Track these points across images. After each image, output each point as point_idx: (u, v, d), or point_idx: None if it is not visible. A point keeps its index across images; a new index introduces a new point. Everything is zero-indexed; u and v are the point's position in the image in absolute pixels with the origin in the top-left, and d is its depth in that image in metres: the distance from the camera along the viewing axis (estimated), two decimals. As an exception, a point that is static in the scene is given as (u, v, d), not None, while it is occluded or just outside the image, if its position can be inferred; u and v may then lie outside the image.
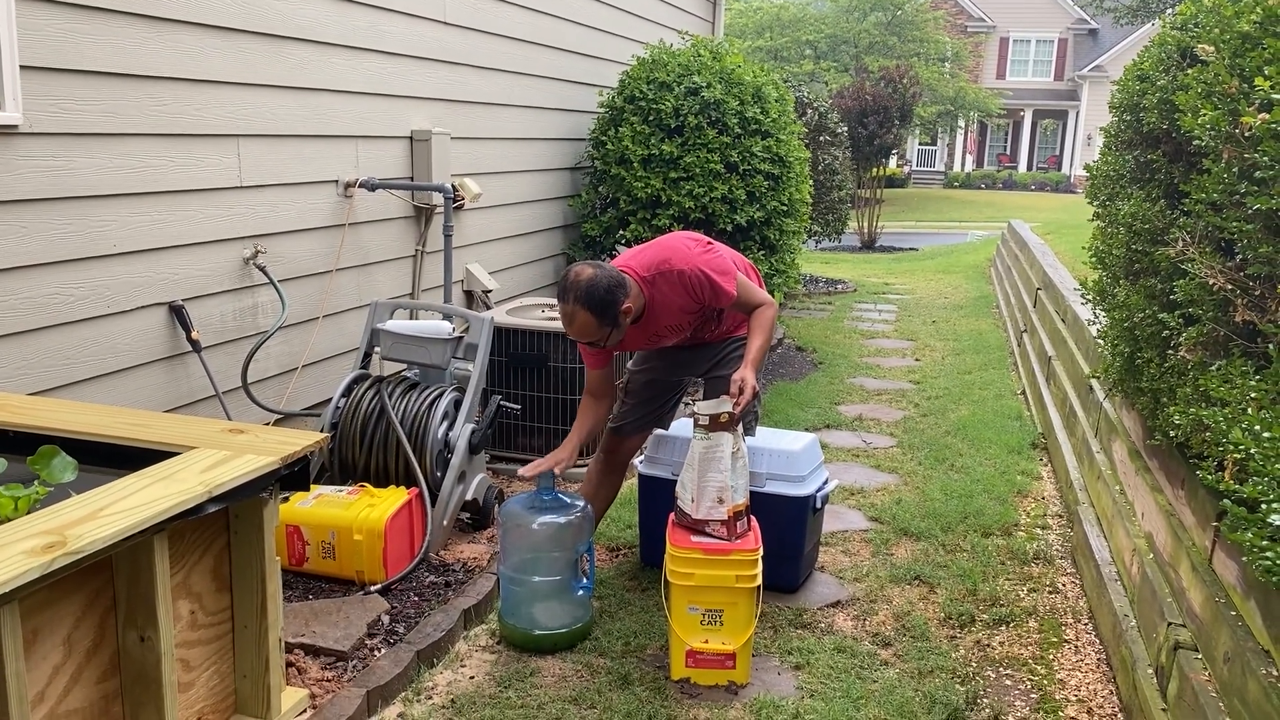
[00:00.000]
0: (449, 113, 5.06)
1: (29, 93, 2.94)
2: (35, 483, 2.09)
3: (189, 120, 3.52)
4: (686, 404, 5.48)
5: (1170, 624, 2.72)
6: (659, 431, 3.76)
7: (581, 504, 3.23)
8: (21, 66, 2.90)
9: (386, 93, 4.58)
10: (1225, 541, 2.54)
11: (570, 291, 3.10)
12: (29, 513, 1.96)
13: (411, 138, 4.79)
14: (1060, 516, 4.41)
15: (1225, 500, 2.23)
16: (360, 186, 4.40)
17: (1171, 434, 2.89)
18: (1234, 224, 2.47)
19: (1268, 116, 2.23)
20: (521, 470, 3.31)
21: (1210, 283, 2.58)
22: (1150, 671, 2.78)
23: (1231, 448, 2.20)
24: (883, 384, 6.81)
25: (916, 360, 7.61)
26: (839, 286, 11.38)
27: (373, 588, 3.34)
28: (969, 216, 23.26)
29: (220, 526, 2.35)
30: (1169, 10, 17.95)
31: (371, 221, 4.57)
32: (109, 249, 3.27)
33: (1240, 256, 2.54)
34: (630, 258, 3.29)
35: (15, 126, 2.91)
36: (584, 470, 3.79)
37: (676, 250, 3.26)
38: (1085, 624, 3.45)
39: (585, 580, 3.18)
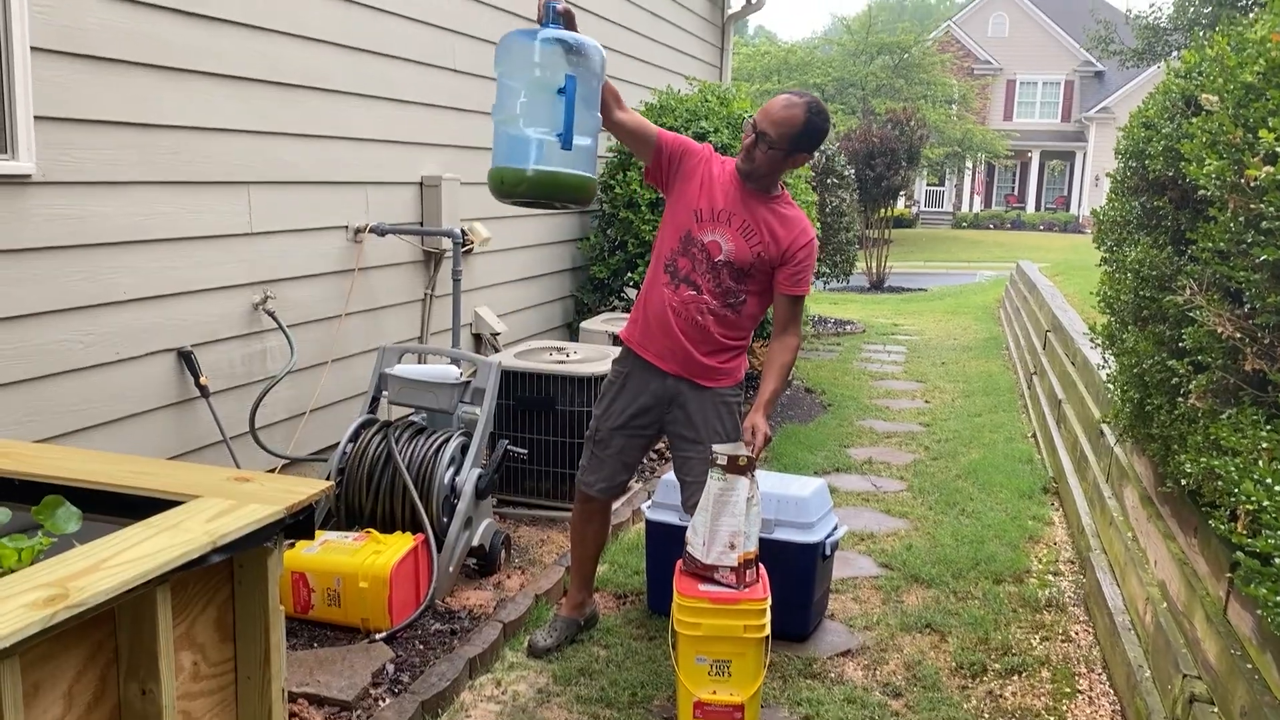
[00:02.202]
0: (459, 158, 5.10)
1: (43, 142, 2.98)
2: (39, 533, 2.08)
3: (200, 168, 3.55)
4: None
5: (1185, 675, 2.68)
6: (667, 477, 3.73)
7: (593, 42, 3.00)
8: (35, 117, 2.94)
9: (397, 139, 4.63)
10: (1240, 592, 2.50)
11: (812, 104, 3.19)
12: (32, 563, 1.96)
13: (422, 183, 4.83)
14: (1072, 563, 4.36)
15: (1239, 552, 2.20)
16: (370, 232, 4.43)
17: (1183, 481, 2.86)
18: (1241, 273, 2.46)
19: (1272, 169, 2.24)
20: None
21: (1219, 330, 2.57)
22: (1166, 725, 2.73)
23: (1244, 499, 2.18)
24: (892, 426, 6.78)
25: (926, 402, 7.58)
26: (848, 327, 11.38)
27: (378, 636, 3.31)
28: (978, 256, 23.30)
29: (224, 577, 2.33)
30: (1174, 54, 18.07)
31: (380, 266, 4.60)
32: (120, 295, 3.29)
33: (1249, 305, 2.53)
34: None
35: (29, 176, 2.95)
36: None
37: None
38: (1099, 674, 3.40)
39: (564, 130, 2.88)
